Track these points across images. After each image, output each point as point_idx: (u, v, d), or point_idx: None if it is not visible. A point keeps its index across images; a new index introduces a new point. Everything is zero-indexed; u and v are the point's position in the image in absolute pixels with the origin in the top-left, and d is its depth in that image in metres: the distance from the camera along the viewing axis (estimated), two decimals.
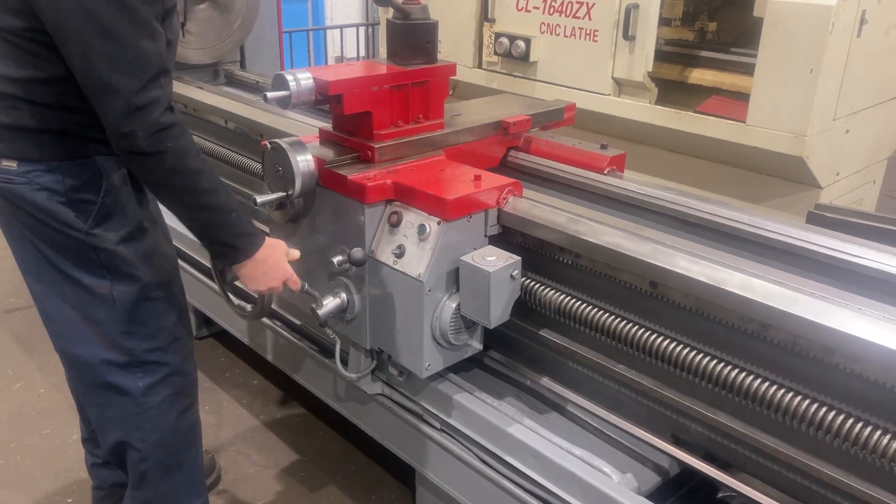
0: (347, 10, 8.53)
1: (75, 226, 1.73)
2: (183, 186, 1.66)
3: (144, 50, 1.54)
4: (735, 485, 1.75)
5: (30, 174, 1.69)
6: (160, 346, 1.90)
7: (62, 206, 1.71)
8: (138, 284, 1.83)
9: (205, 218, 1.72)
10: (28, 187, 1.69)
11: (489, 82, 3.84)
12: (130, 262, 1.81)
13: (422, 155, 2.19)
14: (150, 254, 1.86)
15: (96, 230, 1.75)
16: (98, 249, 1.76)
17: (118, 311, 1.83)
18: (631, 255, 1.77)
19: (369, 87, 2.09)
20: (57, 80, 1.62)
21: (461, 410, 2.11)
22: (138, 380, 1.89)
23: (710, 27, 3.77)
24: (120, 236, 1.78)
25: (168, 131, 1.58)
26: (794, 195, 3.09)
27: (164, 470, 2.01)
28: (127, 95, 1.52)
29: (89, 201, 1.74)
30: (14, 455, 2.82)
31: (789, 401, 1.56)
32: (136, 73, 1.53)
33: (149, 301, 1.86)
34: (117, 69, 1.52)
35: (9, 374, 3.28)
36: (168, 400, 1.95)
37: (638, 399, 1.95)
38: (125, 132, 1.55)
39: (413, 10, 2.20)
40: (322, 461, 2.80)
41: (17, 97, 1.65)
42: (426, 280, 1.90)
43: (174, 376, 1.96)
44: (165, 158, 1.60)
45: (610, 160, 2.36)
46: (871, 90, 3.16)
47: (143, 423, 1.93)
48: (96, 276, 1.79)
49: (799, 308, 1.50)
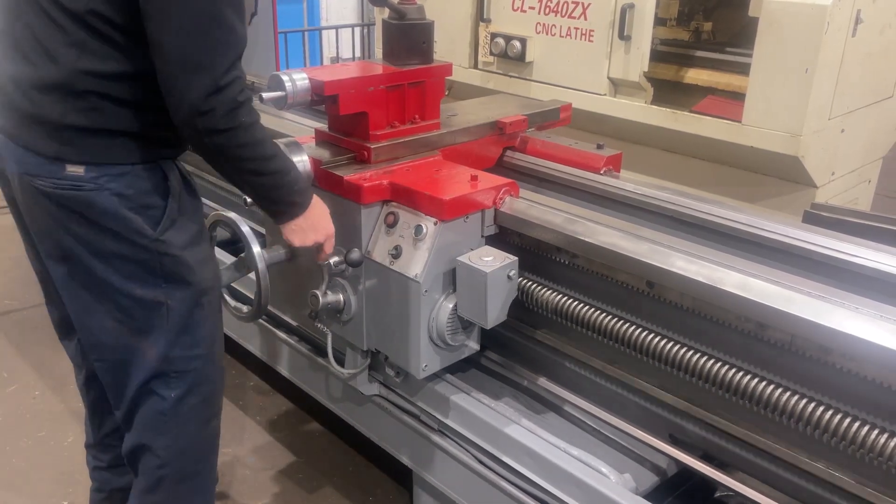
0: (343, 11, 8.51)
1: (144, 232, 1.67)
2: (253, 156, 1.67)
3: (237, 31, 1.56)
4: (732, 484, 1.75)
5: (100, 179, 1.62)
6: (199, 353, 1.85)
7: (132, 212, 1.66)
8: (193, 290, 1.79)
9: (271, 182, 1.74)
10: (98, 193, 1.62)
11: (485, 83, 3.84)
12: (191, 268, 1.76)
13: (418, 155, 2.19)
14: (207, 259, 1.83)
15: (165, 236, 1.70)
16: (164, 256, 1.71)
17: (171, 320, 1.77)
18: (628, 254, 1.77)
19: (365, 87, 2.08)
20: (141, 75, 1.58)
21: (458, 411, 2.11)
22: (172, 389, 1.84)
23: (705, 27, 3.78)
24: (185, 241, 1.74)
25: (243, 106, 1.60)
26: (789, 194, 3.10)
27: (180, 477, 1.97)
28: (215, 74, 1.52)
29: (157, 206, 1.69)
30: (9, 458, 2.80)
31: (786, 400, 1.56)
32: (228, 53, 1.55)
33: (198, 307, 1.82)
34: (213, 49, 1.52)
35: (3, 377, 3.26)
36: (196, 408, 1.90)
37: (635, 399, 1.95)
38: (205, 110, 1.54)
39: (409, 10, 2.19)
40: (319, 463, 2.79)
41: (99, 95, 1.59)
42: (423, 280, 1.90)
43: (204, 385, 1.90)
44: (238, 133, 1.61)
45: (606, 160, 2.36)
46: (866, 90, 3.17)
47: (170, 431, 1.88)
48: (151, 285, 1.73)
49: (796, 307, 1.51)
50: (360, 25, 8.11)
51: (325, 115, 2.98)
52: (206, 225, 1.97)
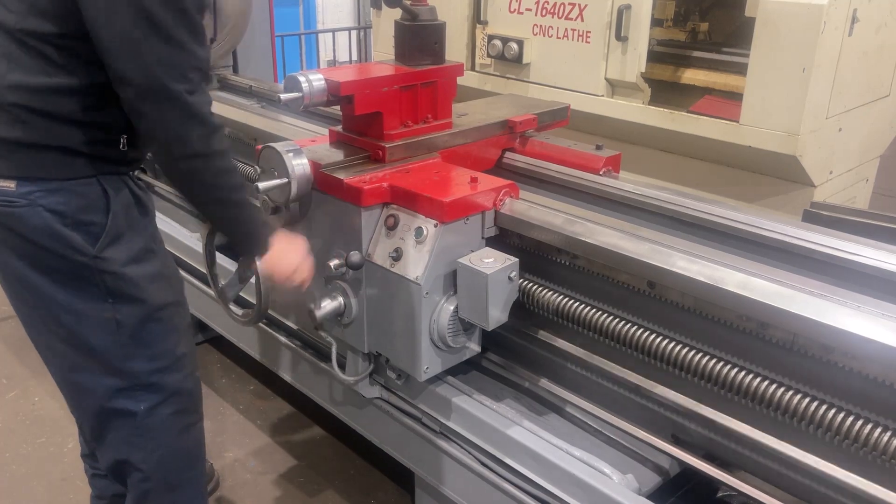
0: (339, 14, 8.52)
1: (83, 250, 1.65)
2: (223, 185, 1.69)
3: (200, 56, 1.58)
4: (735, 483, 1.75)
5: (32, 195, 1.60)
6: (163, 366, 1.84)
7: (68, 228, 1.63)
8: (144, 306, 1.77)
9: (237, 214, 1.77)
10: (30, 209, 1.60)
11: (482, 84, 3.84)
12: (137, 285, 1.74)
13: (430, 154, 2.21)
14: (156, 275, 1.80)
15: (105, 253, 1.68)
16: (104, 273, 1.69)
17: (122, 335, 1.76)
18: (628, 255, 1.77)
19: (379, 87, 2.10)
20: (75, 90, 1.58)
21: (460, 413, 2.10)
22: (140, 402, 1.83)
23: (701, 27, 3.78)
24: (128, 258, 1.72)
25: (217, 132, 1.63)
26: (787, 194, 3.10)
27: (167, 488, 1.96)
28: (185, 100, 1.54)
29: (96, 223, 1.66)
30: (9, 465, 2.79)
31: (788, 399, 1.56)
32: (193, 79, 1.56)
33: (154, 322, 1.80)
34: (180, 76, 1.53)
35: (3, 383, 3.26)
36: (170, 419, 1.90)
37: (637, 399, 1.95)
38: (181, 136, 1.56)
39: (421, 11, 2.21)
40: (320, 466, 2.79)
41: (25, 108, 1.57)
42: (424, 283, 1.90)
43: (176, 395, 1.90)
44: (214, 160, 1.63)
45: (605, 161, 2.36)
46: (863, 88, 3.18)
47: (145, 444, 1.88)
48: (97, 300, 1.71)
49: (797, 306, 1.51)
50: (357, 28, 8.13)
51: (324, 118, 3.02)
52: (205, 231, 1.97)
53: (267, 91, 3.51)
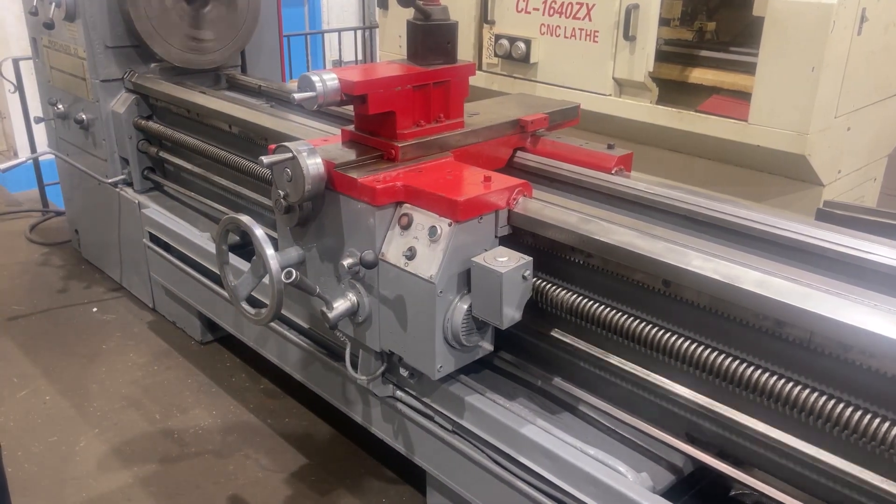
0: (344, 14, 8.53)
1: None
2: None
3: None
4: (749, 481, 1.75)
5: None
6: None
7: None
8: None
9: None
10: None
11: (489, 84, 3.85)
12: None
13: (443, 154, 2.21)
14: None
15: None
16: None
17: None
18: (644, 253, 1.77)
19: (392, 87, 2.11)
20: None
21: (473, 412, 2.11)
22: None
23: (708, 27, 3.79)
24: None
25: None
26: (795, 193, 3.11)
27: None
28: None
29: None
30: (22, 463, 2.80)
31: (805, 397, 1.57)
32: None
33: None
34: None
35: (14, 382, 3.26)
36: None
37: (652, 398, 1.95)
38: None
39: (434, 11, 2.22)
40: (331, 465, 2.79)
41: None
42: (438, 281, 1.90)
43: None
44: None
45: (617, 160, 2.37)
46: (872, 88, 3.19)
47: None
48: None
49: (814, 304, 1.51)
50: (362, 28, 8.13)
51: (334, 118, 3.02)
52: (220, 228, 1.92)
53: (276, 91, 3.52)
